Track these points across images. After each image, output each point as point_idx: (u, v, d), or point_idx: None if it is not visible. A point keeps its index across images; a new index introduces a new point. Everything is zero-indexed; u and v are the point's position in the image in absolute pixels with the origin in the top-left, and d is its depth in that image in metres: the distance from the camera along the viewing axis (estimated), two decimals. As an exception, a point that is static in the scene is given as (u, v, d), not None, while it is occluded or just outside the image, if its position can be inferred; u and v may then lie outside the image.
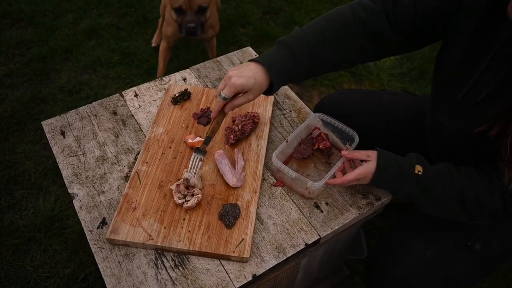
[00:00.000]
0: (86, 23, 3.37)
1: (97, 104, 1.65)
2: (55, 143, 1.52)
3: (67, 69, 3.00)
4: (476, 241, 1.38)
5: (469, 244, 1.37)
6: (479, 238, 1.38)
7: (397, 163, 1.25)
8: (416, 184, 1.23)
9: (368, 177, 1.26)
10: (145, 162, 1.43)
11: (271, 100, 1.65)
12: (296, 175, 1.31)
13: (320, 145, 1.47)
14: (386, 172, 1.24)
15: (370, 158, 1.27)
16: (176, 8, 2.32)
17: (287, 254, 1.25)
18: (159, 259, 1.23)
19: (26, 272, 1.97)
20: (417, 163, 1.24)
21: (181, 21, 2.37)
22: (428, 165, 1.25)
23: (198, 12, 2.34)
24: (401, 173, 1.23)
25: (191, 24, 2.33)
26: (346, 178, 1.27)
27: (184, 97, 1.63)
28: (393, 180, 1.25)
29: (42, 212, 2.17)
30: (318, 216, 1.34)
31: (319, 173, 1.45)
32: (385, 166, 1.24)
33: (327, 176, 1.30)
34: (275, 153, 1.35)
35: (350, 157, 1.32)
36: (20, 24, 3.35)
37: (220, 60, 1.85)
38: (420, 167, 1.23)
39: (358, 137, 1.40)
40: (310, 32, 1.28)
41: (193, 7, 2.32)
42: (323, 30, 1.28)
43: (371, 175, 1.25)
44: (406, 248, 1.42)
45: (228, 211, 1.29)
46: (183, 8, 2.32)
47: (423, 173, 1.23)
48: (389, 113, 1.70)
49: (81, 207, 1.35)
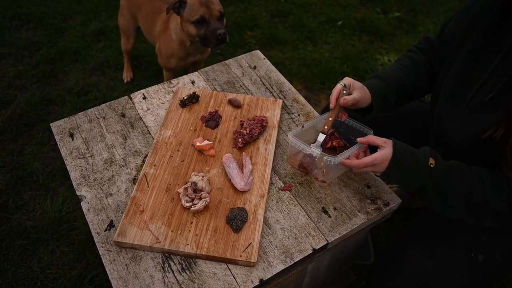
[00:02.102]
0: (95, 25, 3.39)
1: (106, 107, 1.65)
2: (64, 145, 1.52)
3: (76, 71, 3.02)
4: (479, 252, 1.36)
5: (472, 256, 1.36)
6: (482, 249, 1.37)
7: (412, 153, 1.24)
8: (429, 177, 1.22)
9: (384, 164, 1.24)
10: (153, 165, 1.43)
11: (279, 104, 1.65)
12: (311, 151, 1.30)
13: (333, 143, 1.45)
14: (401, 160, 1.23)
15: (386, 145, 1.26)
16: (197, 20, 2.08)
17: (294, 259, 1.24)
18: (166, 263, 1.23)
19: (33, 273, 1.98)
20: (430, 156, 1.24)
21: (205, 32, 2.11)
22: (440, 159, 1.25)
23: (219, 18, 2.13)
24: (415, 163, 1.23)
25: (221, 30, 2.08)
26: (363, 161, 1.25)
27: (192, 100, 1.63)
28: (408, 169, 1.23)
29: (49, 214, 2.17)
30: (326, 221, 1.34)
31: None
32: (401, 155, 1.23)
33: (343, 154, 1.29)
34: (290, 133, 1.36)
35: (366, 141, 1.31)
36: (29, 25, 3.38)
37: (229, 63, 1.86)
38: (433, 160, 1.23)
39: None
40: (388, 69, 1.55)
41: (215, 14, 2.11)
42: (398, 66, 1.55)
43: (387, 162, 1.24)
44: (408, 259, 1.40)
45: (236, 215, 1.29)
46: (205, 17, 2.09)
47: (435, 166, 1.22)
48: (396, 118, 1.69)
49: (89, 209, 1.35)
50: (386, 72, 1.52)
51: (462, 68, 1.29)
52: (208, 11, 2.09)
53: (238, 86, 1.76)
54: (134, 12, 2.54)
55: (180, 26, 2.20)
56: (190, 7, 2.09)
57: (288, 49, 3.30)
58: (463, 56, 1.29)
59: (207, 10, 2.08)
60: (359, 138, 1.32)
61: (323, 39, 3.42)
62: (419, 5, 3.81)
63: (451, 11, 3.75)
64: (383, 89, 1.45)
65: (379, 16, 3.67)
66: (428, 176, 1.22)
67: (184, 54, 2.35)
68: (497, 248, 1.39)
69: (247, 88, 1.75)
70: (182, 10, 2.12)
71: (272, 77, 1.81)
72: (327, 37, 3.44)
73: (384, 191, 1.42)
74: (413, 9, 3.78)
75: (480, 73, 1.23)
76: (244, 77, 1.80)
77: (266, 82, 1.78)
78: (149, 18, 2.45)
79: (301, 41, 3.39)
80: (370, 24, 3.55)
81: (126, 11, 2.60)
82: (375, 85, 1.44)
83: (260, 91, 1.74)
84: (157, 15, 2.39)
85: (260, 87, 1.76)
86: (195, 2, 2.08)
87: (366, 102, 1.41)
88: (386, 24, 3.58)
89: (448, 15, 3.63)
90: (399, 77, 1.50)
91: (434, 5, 3.84)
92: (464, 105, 1.27)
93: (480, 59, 1.24)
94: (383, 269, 1.48)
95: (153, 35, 2.48)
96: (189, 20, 2.11)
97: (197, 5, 2.07)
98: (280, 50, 3.29)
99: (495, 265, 1.39)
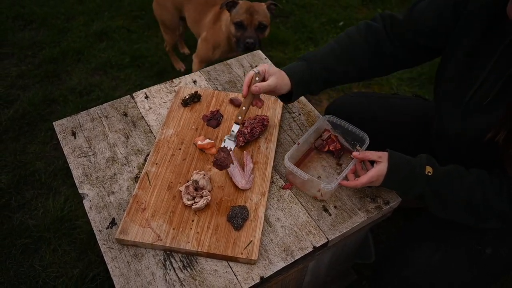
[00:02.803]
0: (97, 25, 3.41)
1: (108, 106, 1.66)
2: (66, 144, 1.53)
3: (78, 71, 3.03)
4: (487, 245, 1.37)
5: (480, 248, 1.36)
6: (489, 242, 1.38)
7: (408, 163, 1.25)
8: (426, 184, 1.23)
9: (380, 179, 1.27)
10: (155, 163, 1.44)
11: (280, 103, 1.66)
12: (309, 177, 1.31)
13: (330, 147, 1.47)
14: (397, 173, 1.25)
15: (381, 159, 1.27)
16: (237, 23, 2.29)
17: (295, 257, 1.25)
18: (167, 260, 1.24)
19: (35, 271, 1.99)
20: (427, 164, 1.25)
21: (240, 36, 2.32)
22: (438, 166, 1.26)
23: (257, 28, 2.31)
24: (411, 174, 1.24)
25: (250, 39, 2.27)
26: (359, 181, 1.27)
27: (194, 100, 1.64)
28: (404, 181, 1.25)
29: (51, 212, 2.19)
30: (327, 219, 1.34)
31: (330, 175, 1.45)
32: (396, 168, 1.25)
33: (339, 178, 1.30)
34: (287, 155, 1.35)
35: (361, 158, 1.32)
36: (32, 26, 3.40)
37: (230, 63, 1.86)
38: (430, 168, 1.24)
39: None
40: (322, 49, 1.46)
41: (254, 23, 2.29)
42: (333, 47, 1.45)
43: (383, 177, 1.26)
44: (415, 253, 1.41)
45: (237, 213, 1.30)
46: (244, 23, 2.29)
47: (433, 174, 1.23)
48: (399, 117, 1.70)
49: (91, 207, 1.36)
50: (315, 54, 1.45)
51: (461, 67, 1.29)
52: (249, 18, 2.27)
53: (240, 85, 1.77)
54: (180, 2, 2.66)
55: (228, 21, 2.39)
56: (238, 9, 2.30)
57: (289, 49, 3.31)
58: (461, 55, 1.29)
59: (249, 17, 2.27)
60: (354, 153, 1.33)
61: (324, 39, 3.43)
62: (420, 6, 3.81)
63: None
64: (306, 76, 1.40)
65: (380, 17, 3.67)
66: (425, 184, 1.23)
67: (228, 48, 2.50)
68: (502, 245, 1.39)
69: (248, 88, 1.76)
70: (232, 9, 2.33)
71: (274, 77, 1.81)
72: (328, 37, 3.44)
73: (385, 190, 1.43)
74: (414, 9, 3.77)
75: (478, 72, 1.23)
76: (245, 77, 1.80)
77: (268, 82, 1.79)
78: (200, 9, 2.59)
79: (303, 41, 3.40)
80: (372, 24, 3.55)
81: (170, 4, 2.69)
82: (297, 73, 1.39)
83: (261, 90, 1.75)
84: (210, 6, 2.55)
85: (262, 86, 1.77)
86: (243, 7, 2.28)
87: (285, 89, 1.37)
88: (387, 25, 3.58)
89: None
90: (328, 61, 1.43)
91: (436, 6, 3.84)
92: (464, 105, 1.27)
93: (478, 58, 1.24)
94: (390, 263, 1.48)
95: (201, 25, 2.61)
96: (232, 20, 2.32)
97: (243, 10, 2.28)
98: (281, 51, 3.30)
99: (501, 260, 1.39)
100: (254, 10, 2.28)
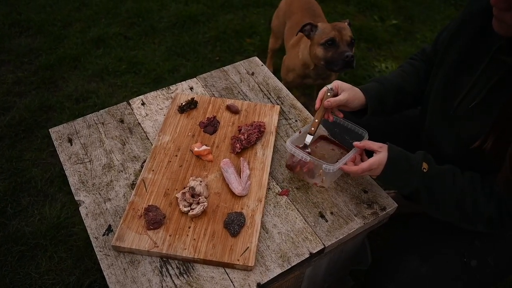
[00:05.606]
0: (94, 32, 3.41)
1: (105, 112, 1.66)
2: (62, 150, 1.53)
3: (75, 78, 3.03)
4: (472, 258, 1.38)
5: (465, 261, 1.38)
6: (475, 254, 1.39)
7: (407, 157, 1.27)
8: (421, 180, 1.25)
9: (380, 168, 1.28)
10: (151, 170, 1.44)
11: (277, 110, 1.66)
12: (311, 158, 1.32)
13: (304, 169, 1.45)
14: (396, 164, 1.26)
15: (382, 149, 1.29)
16: (328, 41, 2.10)
17: (291, 263, 1.25)
18: (164, 267, 1.23)
19: (31, 279, 1.98)
20: (424, 160, 1.27)
21: (332, 54, 2.10)
22: (434, 164, 1.28)
23: (349, 44, 2.13)
24: (409, 168, 1.26)
25: (349, 52, 2.05)
26: (360, 167, 1.28)
27: (190, 106, 1.65)
28: (401, 173, 1.27)
29: (48, 219, 2.18)
30: (323, 225, 1.34)
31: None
32: (396, 159, 1.27)
33: (341, 161, 1.32)
34: (289, 140, 1.37)
35: (362, 146, 1.34)
36: (29, 32, 3.40)
37: (227, 69, 1.87)
38: (426, 165, 1.26)
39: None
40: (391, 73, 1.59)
41: (346, 39, 2.11)
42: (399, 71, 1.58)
43: (383, 166, 1.27)
44: (402, 265, 1.42)
45: (233, 219, 1.29)
46: (336, 40, 2.10)
47: (428, 171, 1.25)
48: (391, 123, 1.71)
49: (87, 214, 1.35)
50: (386, 77, 1.56)
51: (448, 77, 1.33)
52: (339, 35, 2.11)
53: (236, 92, 1.77)
54: (287, 17, 2.68)
55: (308, 49, 2.25)
56: (322, 30, 2.15)
57: (286, 56, 3.32)
58: (449, 65, 1.33)
59: (338, 34, 2.11)
60: (355, 143, 1.35)
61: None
62: (416, 13, 3.84)
63: (447, 19, 3.78)
64: (380, 92, 1.47)
65: (376, 24, 3.70)
66: (421, 180, 1.25)
67: (302, 74, 2.41)
68: (490, 253, 1.40)
69: (245, 94, 1.76)
70: (313, 33, 2.18)
71: (270, 84, 1.82)
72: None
73: (381, 196, 1.43)
74: (410, 17, 3.80)
75: (465, 81, 1.26)
76: (242, 83, 1.81)
77: (264, 88, 1.79)
78: (292, 28, 2.57)
79: (299, 48, 3.41)
80: (368, 31, 3.57)
81: (282, 14, 2.74)
82: (372, 88, 1.47)
83: (258, 97, 1.76)
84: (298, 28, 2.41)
85: (258, 93, 1.77)
86: (328, 26, 2.15)
87: (357, 103, 1.43)
88: (383, 32, 3.60)
89: (444, 23, 3.66)
90: (398, 82, 1.53)
91: (431, 13, 3.87)
92: (452, 113, 1.29)
93: (465, 68, 1.28)
94: (378, 274, 1.49)
95: (287, 45, 2.61)
96: (319, 42, 2.14)
97: (329, 29, 2.13)
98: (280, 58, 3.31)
99: (488, 270, 1.40)
100: (341, 27, 2.14)
